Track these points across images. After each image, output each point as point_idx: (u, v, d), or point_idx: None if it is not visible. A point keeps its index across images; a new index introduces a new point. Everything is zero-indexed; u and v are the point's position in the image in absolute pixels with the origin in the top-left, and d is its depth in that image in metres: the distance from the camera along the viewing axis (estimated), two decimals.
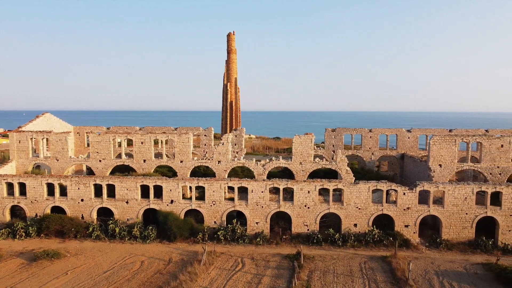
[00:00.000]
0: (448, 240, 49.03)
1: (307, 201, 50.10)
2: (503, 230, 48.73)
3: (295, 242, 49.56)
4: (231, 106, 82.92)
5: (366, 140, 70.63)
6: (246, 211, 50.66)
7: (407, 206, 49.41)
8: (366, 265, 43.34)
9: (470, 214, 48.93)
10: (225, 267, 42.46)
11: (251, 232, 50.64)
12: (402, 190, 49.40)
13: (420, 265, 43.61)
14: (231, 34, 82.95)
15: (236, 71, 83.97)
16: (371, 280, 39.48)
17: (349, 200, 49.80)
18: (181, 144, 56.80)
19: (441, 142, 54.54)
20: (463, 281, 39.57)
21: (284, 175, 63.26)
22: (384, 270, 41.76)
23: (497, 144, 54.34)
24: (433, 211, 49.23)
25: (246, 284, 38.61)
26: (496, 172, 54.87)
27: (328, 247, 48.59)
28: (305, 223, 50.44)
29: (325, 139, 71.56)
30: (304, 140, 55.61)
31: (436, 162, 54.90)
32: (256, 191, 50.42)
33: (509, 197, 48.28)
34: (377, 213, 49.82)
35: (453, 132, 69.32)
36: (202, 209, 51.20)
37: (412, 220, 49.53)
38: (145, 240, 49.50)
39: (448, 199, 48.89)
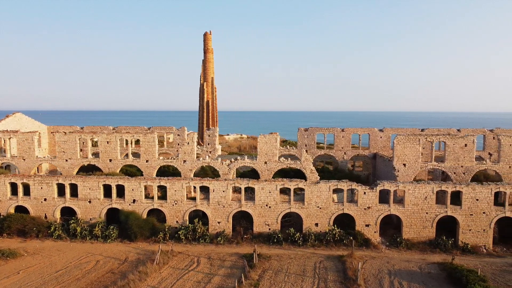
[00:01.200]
0: (408, 240, 49.00)
1: (268, 201, 50.05)
2: (464, 230, 48.67)
3: (256, 241, 49.50)
4: (208, 106, 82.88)
5: (339, 140, 70.59)
6: (207, 211, 50.61)
7: (368, 206, 49.37)
8: (321, 264, 43.28)
9: (431, 214, 48.89)
10: (179, 267, 42.40)
11: (213, 232, 50.59)
12: (362, 190, 49.35)
13: (376, 264, 43.56)
14: (208, 33, 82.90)
15: (213, 70, 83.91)
16: (322, 280, 39.43)
17: (310, 200, 49.75)
18: (146, 144, 56.74)
19: (405, 142, 54.49)
20: (414, 281, 39.52)
21: (256, 175, 63.15)
22: (337, 270, 41.71)
23: (461, 144, 54.27)
24: (394, 211, 49.19)
25: (195, 283, 38.55)
26: (460, 171, 54.80)
27: (288, 246, 48.55)
28: (267, 223, 50.39)
29: (298, 139, 71.53)
30: (269, 140, 55.57)
31: (400, 162, 54.84)
32: (217, 191, 50.37)
33: (469, 196, 48.23)
34: (338, 212, 49.77)
35: (424, 131, 69.32)
36: (164, 209, 51.15)
37: (373, 219, 49.49)
38: (106, 240, 49.47)
39: (408, 199, 48.86)
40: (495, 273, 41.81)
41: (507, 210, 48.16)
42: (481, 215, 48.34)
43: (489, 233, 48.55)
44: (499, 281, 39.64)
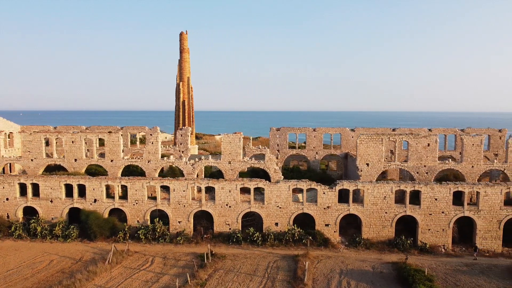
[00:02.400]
0: (368, 239, 48.91)
1: (228, 200, 49.99)
2: (423, 229, 48.59)
3: (216, 241, 49.50)
4: (184, 106, 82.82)
5: (310, 139, 70.50)
6: (168, 210, 50.57)
7: (327, 205, 49.30)
8: (275, 264, 43.22)
9: (390, 213, 48.81)
10: (132, 266, 42.36)
11: (173, 231, 50.55)
12: (322, 189, 49.28)
13: (330, 264, 43.49)
14: (183, 33, 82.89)
15: (189, 70, 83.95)
16: (270, 279, 39.38)
17: (269, 199, 49.69)
18: (111, 144, 56.69)
19: (368, 141, 54.36)
20: (363, 280, 39.45)
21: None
22: (289, 269, 41.64)
23: (424, 143, 54.14)
24: (353, 210, 49.12)
25: (143, 283, 38.52)
26: (423, 171, 54.67)
27: (247, 246, 48.47)
28: (227, 222, 50.34)
29: (270, 138, 71.45)
30: (233, 139, 55.51)
31: (364, 161, 54.72)
32: (178, 190, 50.33)
33: (428, 196, 48.15)
34: (298, 212, 49.70)
35: (396, 131, 69.23)
36: (125, 208, 51.13)
37: (333, 219, 49.42)
38: (66, 239, 49.45)
39: (367, 198, 48.79)
40: (447, 272, 41.76)
41: (466, 209, 48.06)
42: (440, 215, 48.26)
43: (448, 233, 48.46)
44: (449, 281, 39.60)
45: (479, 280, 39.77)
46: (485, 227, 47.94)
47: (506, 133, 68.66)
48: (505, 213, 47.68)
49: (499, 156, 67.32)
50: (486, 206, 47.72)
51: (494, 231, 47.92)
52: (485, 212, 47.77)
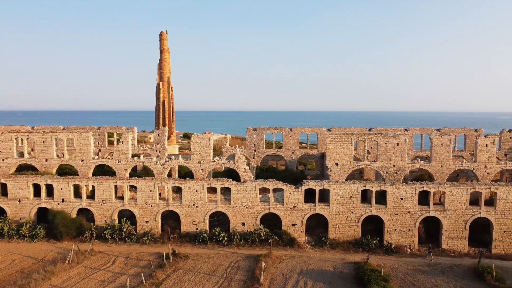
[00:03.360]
0: (334, 239, 48.85)
1: (195, 200, 49.94)
2: (389, 229, 48.51)
3: (182, 241, 49.47)
4: (164, 105, 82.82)
5: (287, 139, 70.44)
6: (135, 210, 50.53)
7: (294, 205, 49.23)
8: (236, 264, 43.15)
9: (356, 213, 48.74)
10: (92, 266, 42.31)
11: (140, 231, 50.50)
12: (288, 189, 49.22)
13: (291, 264, 43.41)
14: (163, 33, 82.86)
15: (170, 70, 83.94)
16: (227, 279, 39.31)
17: (236, 199, 49.63)
18: (81, 143, 56.67)
19: (337, 141, 54.30)
20: (320, 280, 39.37)
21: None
22: (249, 269, 41.54)
23: (393, 143, 54.05)
24: (319, 210, 49.05)
25: (99, 282, 38.46)
26: (392, 171, 54.60)
27: (213, 246, 48.40)
28: (194, 222, 50.29)
29: (247, 138, 71.39)
30: (203, 139, 55.47)
31: (333, 161, 54.65)
32: (145, 190, 50.28)
33: (393, 195, 48.07)
34: (265, 212, 49.65)
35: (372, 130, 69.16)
36: (92, 208, 51.09)
37: (299, 219, 49.36)
38: (33, 239, 49.40)
39: (333, 198, 48.72)
40: (408, 272, 41.69)
41: (431, 209, 47.97)
42: (406, 215, 48.18)
43: (414, 233, 48.37)
44: (407, 281, 39.53)
45: (438, 280, 39.69)
46: (451, 227, 47.85)
47: (482, 133, 68.55)
48: (471, 212, 47.57)
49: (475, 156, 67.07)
50: (452, 206, 47.63)
51: (460, 231, 47.82)
52: (450, 212, 47.67)
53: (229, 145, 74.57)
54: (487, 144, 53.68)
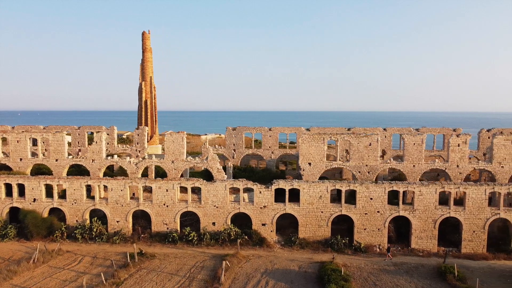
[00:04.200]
0: (304, 239, 48.82)
1: (165, 200, 49.92)
2: (359, 229, 48.48)
3: (152, 240, 49.48)
4: (146, 105, 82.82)
5: (266, 139, 70.41)
6: (106, 210, 50.53)
7: (264, 205, 49.20)
8: (202, 263, 43.14)
9: (326, 213, 48.70)
10: (58, 265, 42.32)
11: (112, 231, 50.50)
12: (258, 189, 49.18)
13: (257, 264, 43.39)
14: (145, 33, 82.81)
15: (152, 70, 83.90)
16: (189, 279, 39.31)
17: (207, 199, 49.60)
18: (55, 143, 56.69)
19: (310, 141, 54.24)
20: (283, 280, 39.34)
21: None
22: (213, 269, 41.50)
23: (365, 143, 53.99)
24: (289, 210, 49.01)
25: (60, 282, 38.46)
26: (365, 170, 54.54)
27: (183, 245, 48.41)
28: (165, 222, 50.27)
29: (226, 138, 71.36)
30: (176, 138, 55.45)
31: (306, 161, 54.61)
32: (115, 190, 50.28)
33: (363, 195, 48.03)
34: (235, 211, 49.61)
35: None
36: (64, 208, 51.09)
37: (269, 218, 49.32)
38: (3, 239, 49.40)
39: (303, 198, 48.68)
40: (372, 272, 41.67)
41: (401, 209, 47.93)
42: (376, 214, 48.15)
43: (384, 233, 48.34)
44: (370, 281, 39.52)
45: (400, 280, 39.65)
46: (421, 226, 47.82)
47: (460, 133, 68.38)
48: (440, 212, 47.53)
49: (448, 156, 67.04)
50: (421, 205, 47.60)
51: (430, 230, 47.78)
52: (420, 211, 47.64)
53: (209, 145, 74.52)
54: (459, 143, 53.62)
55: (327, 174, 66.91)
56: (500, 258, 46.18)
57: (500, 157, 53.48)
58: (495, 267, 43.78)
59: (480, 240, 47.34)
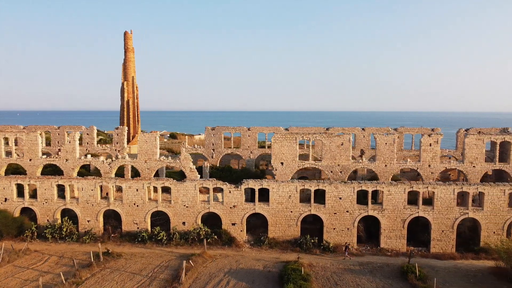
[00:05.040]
0: (274, 238, 48.79)
1: (136, 199, 49.93)
2: (328, 228, 48.44)
3: (123, 240, 49.49)
4: (128, 105, 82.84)
5: (245, 139, 70.36)
6: (77, 209, 50.55)
7: (234, 204, 49.18)
8: (167, 263, 43.13)
9: (295, 212, 48.67)
10: (22, 265, 42.31)
11: (82, 230, 50.52)
12: (227, 188, 49.16)
13: (222, 263, 43.36)
14: (127, 33, 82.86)
15: (134, 69, 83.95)
16: (151, 278, 39.31)
17: (176, 198, 49.60)
18: (29, 143, 56.68)
19: (282, 140, 54.17)
20: (244, 280, 39.31)
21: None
22: (177, 268, 41.35)
23: (337, 142, 53.90)
24: (259, 209, 48.99)
25: (21, 281, 38.48)
26: (337, 170, 54.45)
27: (152, 245, 48.39)
28: (135, 221, 50.28)
29: (205, 138, 71.34)
30: (149, 138, 55.43)
31: (278, 160, 54.55)
32: (86, 189, 50.30)
33: (332, 195, 47.99)
34: (205, 211, 49.61)
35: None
36: (34, 207, 51.11)
37: (239, 218, 49.31)
38: None
39: (273, 197, 48.64)
40: (336, 271, 41.64)
41: (370, 208, 47.88)
42: (345, 214, 48.11)
43: (353, 232, 48.29)
44: (331, 280, 39.48)
45: (362, 280, 39.60)
46: (390, 226, 47.78)
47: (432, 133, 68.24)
48: (409, 212, 47.48)
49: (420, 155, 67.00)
50: (390, 205, 47.56)
51: (398, 230, 47.74)
52: (389, 211, 47.60)
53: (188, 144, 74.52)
54: (430, 143, 53.53)
55: (308, 174, 67.04)
56: (468, 257, 46.14)
57: (471, 156, 53.38)
58: (461, 266, 43.72)
59: (449, 239, 47.28)
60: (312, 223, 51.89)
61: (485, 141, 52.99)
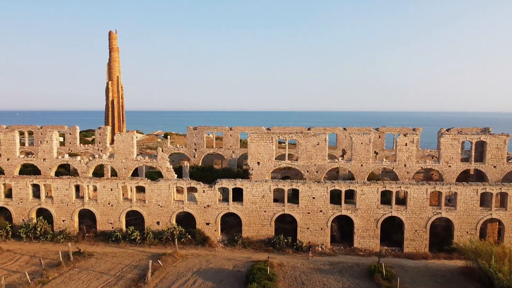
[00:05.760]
0: (248, 238, 48.78)
1: (110, 199, 49.92)
2: (301, 228, 48.42)
3: (97, 239, 49.50)
4: (113, 105, 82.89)
5: (227, 138, 70.38)
6: (52, 209, 50.55)
7: (207, 204, 49.17)
8: (138, 262, 43.16)
9: (269, 212, 48.65)
10: None
11: (57, 230, 50.52)
12: (201, 188, 49.16)
13: (193, 263, 43.37)
14: (112, 32, 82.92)
15: (119, 69, 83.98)
16: (118, 278, 39.33)
17: (151, 198, 49.60)
18: (7, 142, 56.75)
19: (258, 140, 54.18)
20: (211, 279, 39.33)
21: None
22: (145, 268, 41.13)
23: (313, 142, 53.88)
24: (232, 209, 48.97)
25: None
26: (313, 169, 54.42)
27: (125, 245, 48.40)
28: (110, 221, 50.28)
29: (187, 137, 71.38)
30: (125, 138, 55.45)
31: (255, 160, 54.55)
32: (61, 189, 50.30)
33: (305, 194, 47.95)
34: (179, 210, 49.61)
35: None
36: (10, 207, 51.10)
37: (213, 217, 49.29)
38: None
39: (246, 197, 48.62)
40: (306, 271, 41.64)
41: (343, 208, 47.85)
42: (318, 214, 48.07)
43: (326, 232, 48.27)
44: (299, 280, 39.49)
45: (329, 279, 39.59)
46: (363, 226, 47.74)
47: (420, 132, 68.33)
48: (382, 211, 47.45)
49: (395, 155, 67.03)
50: (363, 204, 47.51)
51: (372, 230, 47.70)
52: (362, 210, 47.56)
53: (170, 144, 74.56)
54: (406, 143, 53.49)
55: (291, 174, 66.97)
56: (441, 257, 46.10)
57: (447, 156, 53.33)
58: (432, 266, 43.71)
59: (422, 239, 47.24)
60: (291, 222, 51.86)
61: (460, 140, 52.94)
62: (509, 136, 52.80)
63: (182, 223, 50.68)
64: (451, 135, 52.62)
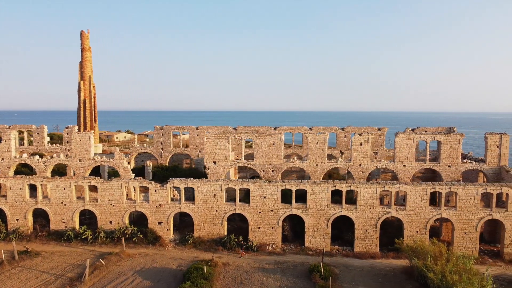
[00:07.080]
0: (199, 237, 48.77)
1: (63, 198, 49.97)
2: (253, 227, 48.40)
3: (50, 238, 49.55)
4: (85, 105, 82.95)
5: (194, 138, 70.39)
6: (5, 208, 50.60)
7: (159, 203, 49.17)
8: (83, 262, 43.05)
9: (220, 211, 48.62)
10: None
11: (11, 229, 50.56)
12: (153, 187, 49.16)
13: (137, 262, 43.39)
14: (84, 32, 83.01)
15: (91, 69, 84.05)
16: (58, 277, 39.38)
17: (103, 197, 49.62)
18: None
19: (214, 140, 54.15)
20: (150, 279, 39.36)
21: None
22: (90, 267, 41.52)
23: (269, 141, 53.84)
24: (184, 208, 48.98)
25: None
26: (269, 169, 54.39)
27: (77, 244, 48.42)
28: (63, 220, 50.32)
29: (154, 137, 71.40)
30: (83, 137, 55.50)
31: (211, 159, 54.52)
32: (14, 188, 50.35)
33: (256, 194, 47.93)
34: (131, 210, 49.64)
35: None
36: None
37: (165, 217, 49.29)
38: None
39: (198, 196, 48.61)
40: (249, 270, 41.66)
41: (294, 208, 47.81)
42: (269, 213, 48.04)
43: (277, 231, 48.23)
44: (237, 280, 39.52)
45: (269, 279, 39.55)
46: (314, 225, 47.68)
47: (385, 132, 68.29)
48: (332, 211, 47.39)
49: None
50: (313, 204, 47.46)
51: (322, 229, 47.63)
52: (312, 210, 47.51)
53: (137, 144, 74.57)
54: (361, 142, 53.36)
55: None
56: (389, 257, 46.05)
57: (402, 156, 53.24)
58: (378, 266, 43.65)
59: (372, 239, 47.18)
60: (246, 221, 51.84)
61: (415, 140, 52.83)
62: (463, 135, 52.67)
63: (137, 222, 50.76)
64: (406, 135, 52.54)
